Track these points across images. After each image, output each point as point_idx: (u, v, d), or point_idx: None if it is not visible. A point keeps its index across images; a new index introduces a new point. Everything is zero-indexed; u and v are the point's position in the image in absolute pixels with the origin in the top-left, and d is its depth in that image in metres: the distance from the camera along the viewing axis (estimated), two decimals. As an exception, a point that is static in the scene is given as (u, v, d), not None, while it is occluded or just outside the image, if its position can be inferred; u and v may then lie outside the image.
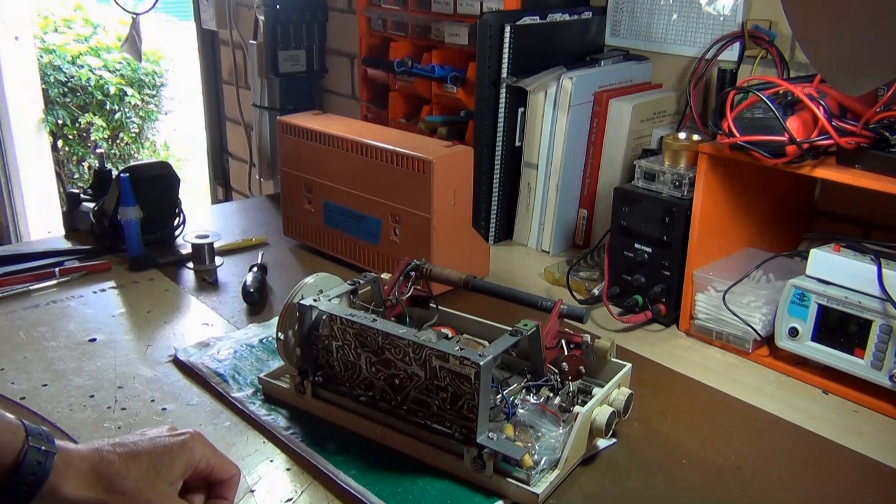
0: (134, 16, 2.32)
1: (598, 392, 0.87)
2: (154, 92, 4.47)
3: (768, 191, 1.17)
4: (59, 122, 4.15)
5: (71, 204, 1.48)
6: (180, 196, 1.45)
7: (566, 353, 0.90)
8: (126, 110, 4.32)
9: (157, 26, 4.38)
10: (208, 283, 1.29)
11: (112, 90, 4.22)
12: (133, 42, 2.31)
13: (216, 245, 1.36)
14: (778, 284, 1.06)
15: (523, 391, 0.87)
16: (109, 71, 4.24)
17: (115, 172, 1.38)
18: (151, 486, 0.63)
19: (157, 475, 0.64)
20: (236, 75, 2.40)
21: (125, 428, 0.89)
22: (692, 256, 1.11)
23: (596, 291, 1.22)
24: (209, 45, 2.53)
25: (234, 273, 1.33)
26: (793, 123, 0.97)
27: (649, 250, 1.15)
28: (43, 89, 3.71)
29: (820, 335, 0.99)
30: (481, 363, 0.76)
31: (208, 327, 1.14)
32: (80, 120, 4.19)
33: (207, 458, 0.68)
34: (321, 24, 2.03)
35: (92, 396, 0.95)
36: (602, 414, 0.83)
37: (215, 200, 2.75)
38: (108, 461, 0.63)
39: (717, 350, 1.10)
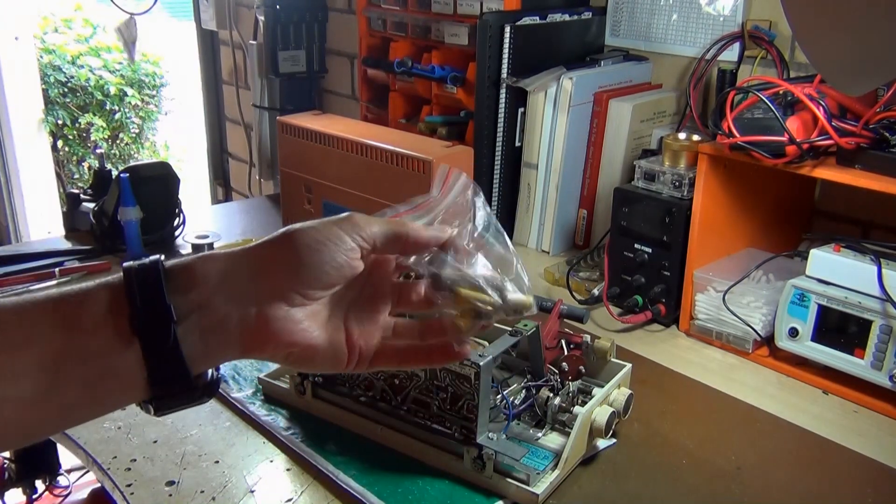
0: (131, 16, 2.32)
1: (598, 392, 0.87)
2: (154, 92, 4.47)
3: (768, 191, 1.17)
4: (59, 122, 4.15)
5: (71, 204, 1.48)
6: (180, 196, 1.45)
7: (566, 353, 0.90)
8: (126, 110, 4.32)
9: (157, 26, 4.38)
10: (208, 283, 1.29)
11: (112, 90, 4.22)
12: (126, 43, 2.31)
13: (216, 245, 1.35)
14: (778, 284, 1.06)
15: (523, 391, 0.87)
16: (109, 71, 4.25)
17: (115, 172, 1.38)
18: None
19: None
20: (236, 75, 2.40)
21: (125, 428, 0.89)
22: (692, 256, 1.11)
23: (596, 291, 1.22)
24: (209, 45, 2.53)
25: (234, 273, 1.33)
26: (793, 124, 0.97)
27: (649, 250, 1.15)
28: (43, 89, 3.71)
29: (820, 335, 0.99)
30: (481, 363, 0.76)
31: (208, 327, 1.14)
32: (80, 120, 4.19)
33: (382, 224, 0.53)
34: (321, 24, 2.03)
35: (92, 396, 0.95)
36: (602, 414, 0.83)
37: (215, 200, 2.75)
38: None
39: (717, 350, 1.10)
